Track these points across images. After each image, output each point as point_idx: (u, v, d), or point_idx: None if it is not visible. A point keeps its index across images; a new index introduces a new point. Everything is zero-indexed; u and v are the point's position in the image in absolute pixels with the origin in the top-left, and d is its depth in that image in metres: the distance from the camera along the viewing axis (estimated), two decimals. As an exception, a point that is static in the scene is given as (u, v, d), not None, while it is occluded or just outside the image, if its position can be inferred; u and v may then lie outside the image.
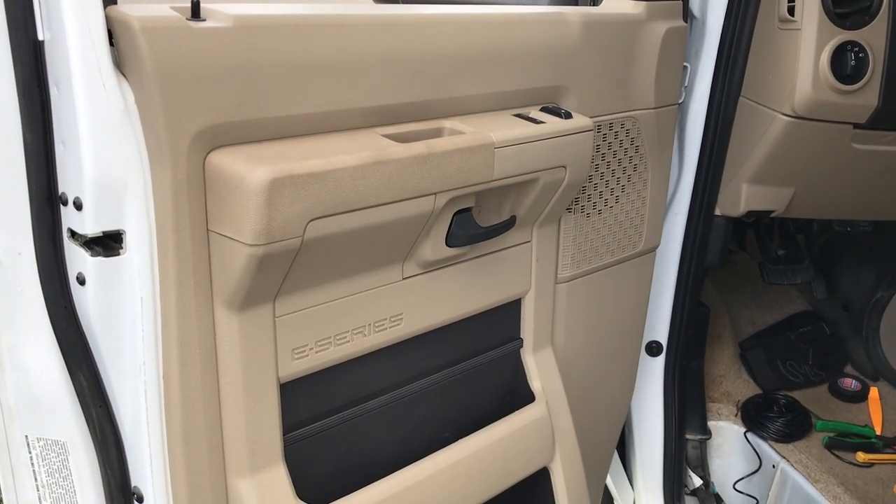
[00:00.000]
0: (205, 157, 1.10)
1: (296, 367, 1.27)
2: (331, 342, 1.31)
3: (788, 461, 2.29)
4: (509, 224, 1.48)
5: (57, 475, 1.23)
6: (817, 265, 2.75)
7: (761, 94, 1.91)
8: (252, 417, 1.22)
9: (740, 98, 1.93)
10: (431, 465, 1.46)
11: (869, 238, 2.62)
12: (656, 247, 1.97)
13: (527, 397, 1.68)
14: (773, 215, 2.10)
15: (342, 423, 1.39)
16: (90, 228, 1.07)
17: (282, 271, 1.15)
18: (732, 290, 2.87)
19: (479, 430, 1.56)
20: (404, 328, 1.42)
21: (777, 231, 2.71)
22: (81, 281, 1.11)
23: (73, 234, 1.11)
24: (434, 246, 1.38)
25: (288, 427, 1.30)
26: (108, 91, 1.04)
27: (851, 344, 2.75)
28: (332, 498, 1.33)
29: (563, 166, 1.47)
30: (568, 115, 1.47)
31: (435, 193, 1.28)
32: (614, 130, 1.69)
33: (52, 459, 1.22)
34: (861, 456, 2.29)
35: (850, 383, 2.63)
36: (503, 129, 1.36)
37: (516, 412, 1.63)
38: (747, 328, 2.79)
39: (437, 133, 1.34)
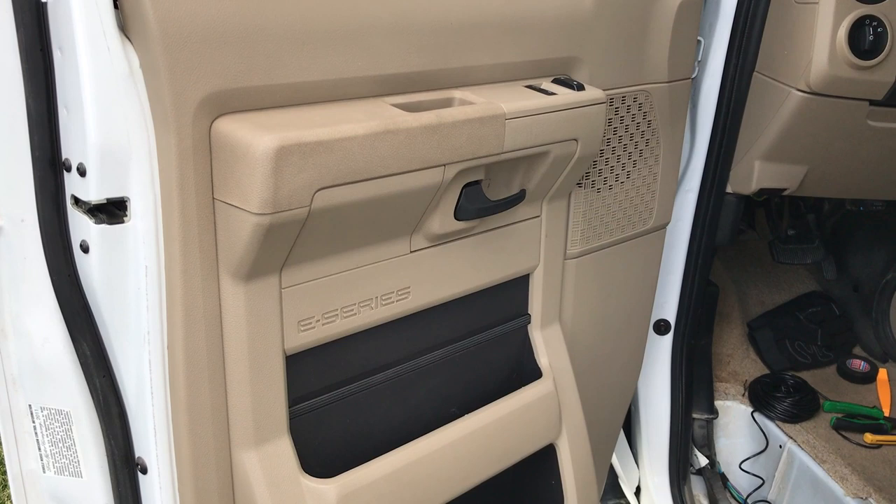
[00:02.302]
0: (211, 124, 1.08)
1: (302, 339, 1.25)
2: (337, 315, 1.29)
3: (795, 441, 2.27)
4: (519, 198, 1.45)
5: (60, 445, 1.22)
6: (828, 245, 2.72)
7: (776, 69, 1.87)
8: (257, 389, 1.21)
9: (754, 73, 1.90)
10: (437, 440, 1.45)
11: (881, 218, 2.59)
12: (667, 224, 1.94)
13: (534, 373, 1.66)
14: (785, 193, 2.07)
15: (348, 397, 1.38)
16: (94, 195, 1.06)
17: (288, 242, 1.13)
18: (741, 269, 2.85)
19: (486, 405, 1.55)
20: (412, 302, 1.40)
21: (788, 210, 2.69)
22: (85, 249, 1.09)
23: (76, 200, 1.09)
24: (442, 219, 1.36)
25: (294, 400, 1.29)
26: (112, 55, 1.02)
27: (860, 325, 2.73)
28: (338, 472, 1.32)
29: (575, 139, 1.45)
30: (580, 87, 1.45)
31: (444, 165, 1.25)
32: (626, 104, 1.66)
33: (56, 429, 1.21)
34: (869, 437, 2.28)
35: (859, 364, 2.61)
36: (514, 100, 1.34)
37: (523, 388, 1.61)
38: (756, 308, 2.77)
39: (447, 103, 1.31)
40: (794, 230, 2.65)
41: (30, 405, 1.21)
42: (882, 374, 2.57)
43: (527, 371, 1.68)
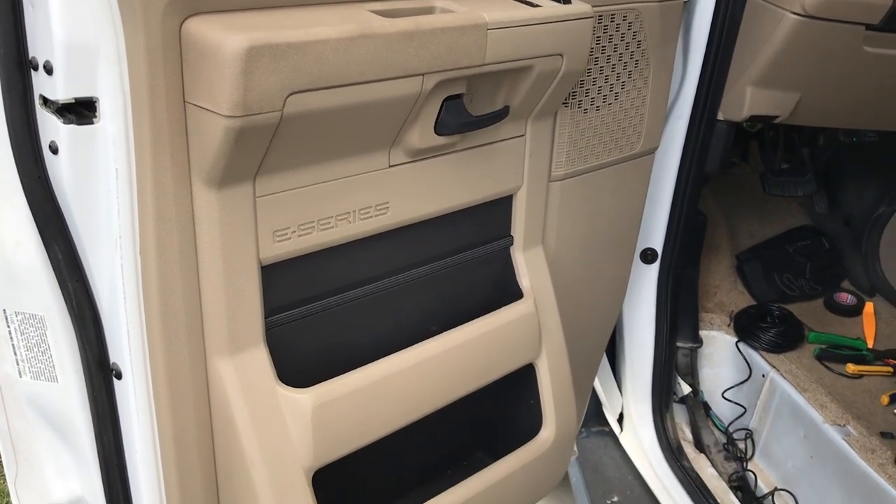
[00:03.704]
0: (181, 24, 1.05)
1: (278, 249, 1.24)
2: (314, 227, 1.28)
3: (778, 371, 2.29)
4: (502, 114, 1.43)
5: (36, 350, 1.23)
6: (820, 179, 2.71)
7: (771, -9, 1.83)
8: (232, 297, 1.21)
9: (749, -5, 1.86)
10: (416, 355, 1.45)
11: (874, 151, 2.56)
12: (655, 149, 1.92)
13: (516, 295, 1.66)
14: (777, 121, 2.05)
15: (326, 311, 1.38)
16: (62, 94, 1.04)
17: (261, 148, 1.12)
18: (733, 202, 2.83)
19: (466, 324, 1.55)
20: (390, 217, 1.39)
21: (782, 144, 2.66)
22: (54, 150, 1.08)
23: (45, 101, 1.07)
24: (422, 133, 1.34)
25: (270, 311, 1.29)
26: (77, -53, 0.99)
27: (850, 259, 2.73)
28: (314, 384, 1.33)
29: (560, 54, 1.42)
30: (567, 1, 1.41)
31: (423, 74, 1.23)
32: (615, 22, 1.62)
33: (31, 334, 1.22)
34: (851, 367, 2.29)
35: (846, 298, 2.62)
36: (497, 10, 1.31)
37: (504, 308, 1.61)
38: (746, 241, 2.76)
39: (427, 11, 1.28)
40: (787, 164, 2.63)
41: (4, 310, 1.21)
42: (868, 307, 2.58)
43: (509, 292, 1.67)
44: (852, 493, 2.02)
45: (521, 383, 1.71)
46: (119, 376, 1.22)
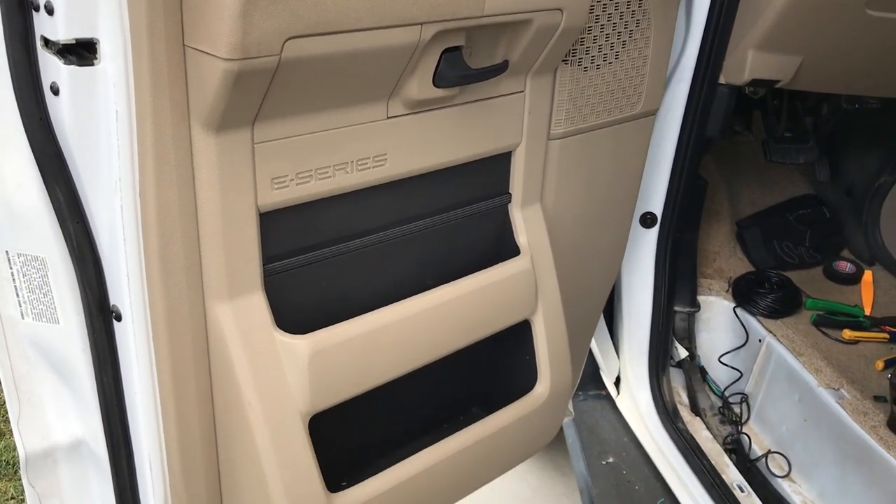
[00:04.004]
0: (180, -34, 1.06)
1: (276, 196, 1.26)
2: (312, 175, 1.30)
3: (775, 336, 2.31)
4: (501, 68, 1.44)
5: (38, 291, 1.25)
6: (823, 148, 2.70)
7: (774, -49, 1.83)
8: (230, 242, 1.23)
9: (752, -44, 1.85)
10: (412, 306, 1.47)
11: (877, 119, 2.56)
12: (655, 110, 1.93)
13: (513, 252, 1.68)
14: (778, 86, 2.05)
15: (324, 261, 1.40)
16: (62, 34, 1.05)
17: (259, 92, 1.13)
18: (734, 169, 2.84)
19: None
20: (388, 169, 1.40)
21: (785, 112, 2.65)
22: (55, 91, 1.10)
23: (46, 41, 1.09)
24: (421, 84, 1.35)
25: (269, 258, 1.31)
26: None
27: (850, 228, 2.74)
28: (311, 330, 1.35)
29: (560, 9, 1.43)
30: (566, -45, 1.42)
31: (421, 24, 1.24)
32: (617, -20, 1.62)
33: (33, 275, 1.24)
34: (847, 333, 2.31)
35: (845, 266, 2.63)
36: (496, -39, 1.31)
37: (501, 264, 1.63)
38: (747, 208, 2.77)
39: (425, -39, 1.29)
40: (789, 132, 2.63)
41: (6, 251, 1.23)
42: (867, 275, 2.58)
43: (506, 250, 1.69)
44: (844, 455, 2.04)
45: (516, 340, 1.74)
46: (119, 318, 1.24)
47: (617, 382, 2.46)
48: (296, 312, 1.37)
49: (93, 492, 1.42)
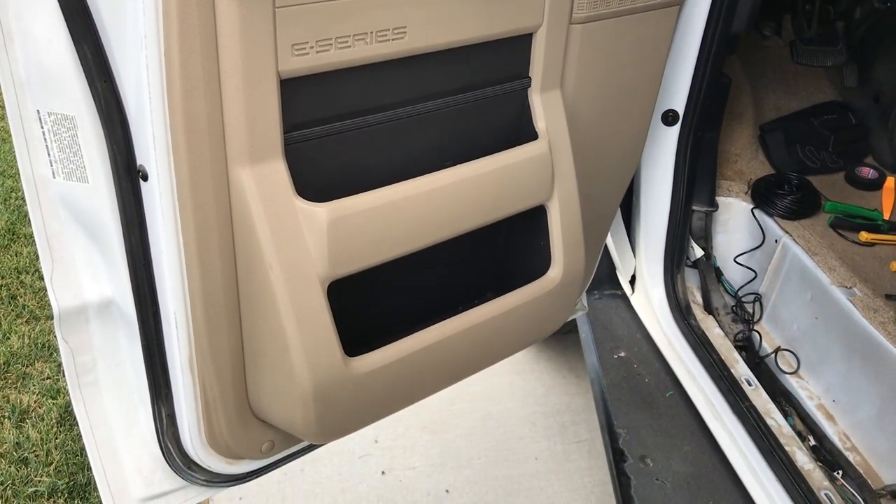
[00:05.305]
0: None
1: (296, 63, 1.28)
2: (332, 44, 1.32)
3: (791, 236, 2.32)
4: (523, -58, 1.43)
5: (68, 150, 1.29)
6: (853, 54, 2.66)
7: None
8: (252, 106, 1.26)
9: None
10: (429, 182, 1.50)
11: (910, 21, 2.51)
12: (682, 1, 1.90)
13: (531, 137, 1.70)
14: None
15: (343, 133, 1.43)
16: None
17: (280, -48, 1.15)
18: (761, 73, 2.80)
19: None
20: (407, 42, 1.42)
21: (816, 15, 2.61)
22: (81, -55, 1.12)
23: None
24: (441, -45, 1.35)
25: (289, 126, 1.34)
26: None
27: (876, 135, 2.71)
28: (329, 200, 1.39)
29: None
30: None
31: None
32: None
33: (63, 134, 1.28)
34: (864, 235, 2.32)
35: (868, 172, 2.61)
36: None
37: (518, 147, 1.65)
38: (771, 113, 2.75)
39: None
40: (820, 36, 2.59)
41: (38, 110, 1.27)
42: (889, 181, 2.57)
43: (524, 134, 1.71)
44: (852, 350, 2.08)
45: (532, 225, 1.77)
46: (145, 178, 1.29)
47: (632, 281, 2.50)
48: (316, 182, 1.41)
49: (122, 348, 1.50)
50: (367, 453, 2.84)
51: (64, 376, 1.70)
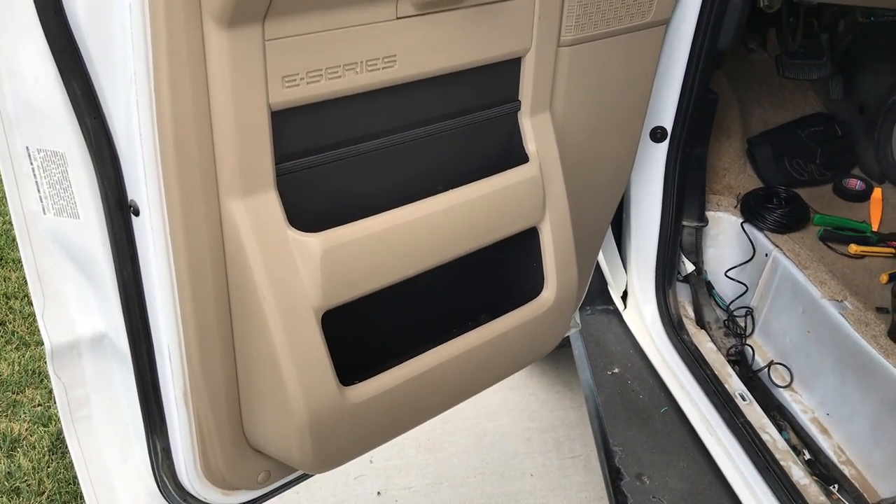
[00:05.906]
0: None
1: (287, 95, 1.28)
2: (322, 75, 1.32)
3: (781, 250, 2.33)
4: (510, -30, 1.44)
5: (58, 186, 1.29)
6: (837, 66, 2.68)
7: None
8: (243, 139, 1.25)
9: None
10: (422, 208, 1.50)
11: (893, 33, 2.53)
12: (667, 20, 1.92)
13: (521, 160, 1.70)
14: (791, -5, 2.03)
15: (334, 162, 1.42)
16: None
17: (269, -15, 1.15)
18: (747, 87, 2.82)
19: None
20: (398, 71, 1.42)
21: (801, 28, 2.63)
22: (69, -17, 1.11)
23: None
24: (430, -16, 1.36)
25: (281, 157, 1.34)
26: None
27: (862, 146, 2.73)
28: (323, 230, 1.38)
29: None
30: None
31: (431, -80, 1.24)
32: None
33: (53, 171, 1.27)
34: (853, 248, 2.33)
35: (855, 183, 2.63)
36: None
37: (509, 170, 1.65)
38: (758, 126, 2.76)
39: None
40: (804, 49, 2.61)
41: (27, 147, 1.26)
42: (877, 192, 2.59)
43: (514, 157, 1.71)
44: (845, 364, 2.09)
45: (524, 247, 1.77)
46: (136, 213, 1.28)
47: (624, 297, 2.51)
48: (308, 211, 1.41)
49: (115, 382, 1.49)
50: (362, 474, 2.83)
51: (55, 403, 1.68)
